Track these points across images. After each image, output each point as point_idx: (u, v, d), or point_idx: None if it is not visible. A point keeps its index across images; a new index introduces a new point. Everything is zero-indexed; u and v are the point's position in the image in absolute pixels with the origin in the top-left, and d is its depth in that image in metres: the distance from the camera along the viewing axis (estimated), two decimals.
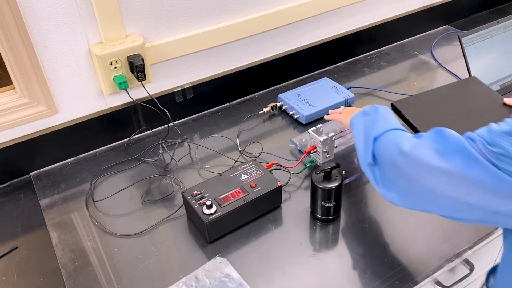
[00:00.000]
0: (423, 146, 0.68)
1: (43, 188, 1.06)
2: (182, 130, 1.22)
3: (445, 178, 0.64)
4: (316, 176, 0.90)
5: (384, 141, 0.76)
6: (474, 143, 0.62)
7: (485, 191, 0.60)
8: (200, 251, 0.89)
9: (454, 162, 0.63)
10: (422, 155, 0.67)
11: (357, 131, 0.85)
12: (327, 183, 0.89)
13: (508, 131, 0.59)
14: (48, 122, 1.08)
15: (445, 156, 0.64)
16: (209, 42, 1.19)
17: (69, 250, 0.91)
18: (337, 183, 0.89)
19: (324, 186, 0.89)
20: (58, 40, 0.99)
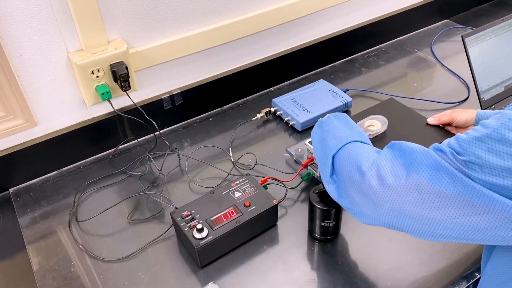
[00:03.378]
0: (384, 162, 0.62)
1: (23, 206, 0.99)
2: (171, 138, 1.15)
3: (414, 196, 0.58)
4: (314, 195, 0.84)
5: (341, 157, 0.70)
6: (444, 154, 0.57)
7: (460, 205, 0.56)
8: (191, 277, 0.84)
9: (423, 176, 0.58)
10: (384, 173, 0.61)
11: (315, 144, 0.80)
12: (326, 203, 0.83)
13: (478, 137, 0.55)
14: (27, 135, 1.01)
15: (412, 170, 0.59)
16: (197, 46, 1.11)
17: (51, 278, 0.85)
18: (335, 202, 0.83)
19: (323, 206, 0.83)
20: (33, 48, 0.91)
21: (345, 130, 0.76)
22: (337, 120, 0.80)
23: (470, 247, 0.87)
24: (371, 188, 0.63)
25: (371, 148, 0.70)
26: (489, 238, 0.57)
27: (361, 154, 0.67)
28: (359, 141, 0.73)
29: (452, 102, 1.22)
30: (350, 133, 0.75)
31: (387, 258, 0.85)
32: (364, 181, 0.64)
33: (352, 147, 0.71)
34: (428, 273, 0.82)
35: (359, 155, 0.67)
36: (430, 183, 0.57)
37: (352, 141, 0.72)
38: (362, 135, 0.76)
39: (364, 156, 0.67)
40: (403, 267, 0.84)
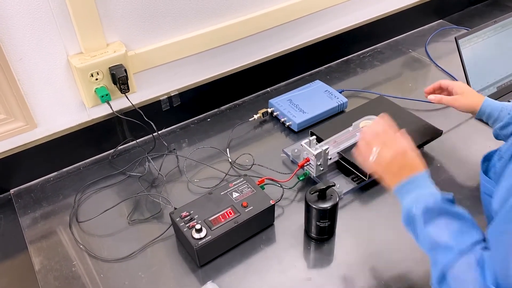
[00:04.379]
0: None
1: (24, 207, 1.01)
2: (169, 139, 1.17)
3: None
4: (311, 195, 0.86)
5: (456, 275, 0.62)
6: None
7: None
8: (190, 276, 0.86)
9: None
10: None
11: (414, 231, 0.70)
12: (322, 203, 0.85)
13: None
14: (27, 137, 1.02)
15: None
16: (195, 48, 1.13)
17: (53, 277, 0.86)
18: (332, 202, 0.85)
19: (318, 206, 0.85)
20: (34, 52, 0.93)
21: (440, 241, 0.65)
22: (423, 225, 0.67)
23: None
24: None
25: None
26: None
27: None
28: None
29: None
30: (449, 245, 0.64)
31: (382, 256, 0.87)
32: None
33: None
34: (423, 271, 0.85)
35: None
36: None
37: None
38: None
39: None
40: (398, 266, 0.86)
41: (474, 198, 0.97)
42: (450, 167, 1.05)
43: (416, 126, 1.07)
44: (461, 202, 0.96)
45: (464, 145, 1.11)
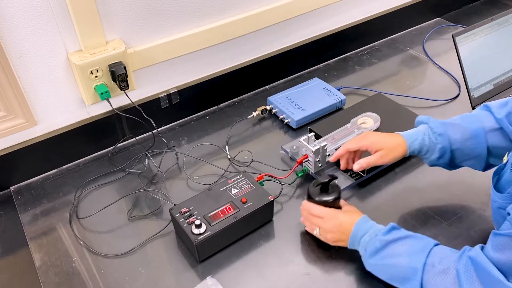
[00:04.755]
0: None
1: (24, 204, 1.01)
2: (168, 136, 1.18)
3: None
4: (313, 189, 0.87)
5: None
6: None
7: None
8: (190, 271, 0.86)
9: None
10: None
11: (380, 273, 0.79)
12: (324, 196, 0.86)
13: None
14: (27, 134, 1.03)
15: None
16: (194, 45, 1.13)
17: (53, 273, 0.87)
18: (335, 195, 0.86)
19: (321, 199, 0.86)
20: (34, 49, 0.93)
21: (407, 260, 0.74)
22: (389, 246, 0.76)
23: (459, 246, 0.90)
24: None
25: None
26: None
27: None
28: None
29: (443, 100, 1.25)
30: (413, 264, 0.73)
31: None
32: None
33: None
34: None
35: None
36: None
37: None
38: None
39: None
40: None
41: (471, 194, 0.98)
42: None
43: (412, 123, 1.08)
44: (460, 198, 0.97)
45: None
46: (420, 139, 0.87)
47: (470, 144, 0.83)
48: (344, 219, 0.83)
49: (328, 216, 0.84)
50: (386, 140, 0.87)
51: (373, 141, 0.88)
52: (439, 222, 0.93)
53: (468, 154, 0.85)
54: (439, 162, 0.87)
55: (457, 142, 0.84)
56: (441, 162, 0.87)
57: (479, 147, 0.83)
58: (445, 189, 1.00)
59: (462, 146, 0.84)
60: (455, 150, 0.85)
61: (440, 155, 0.85)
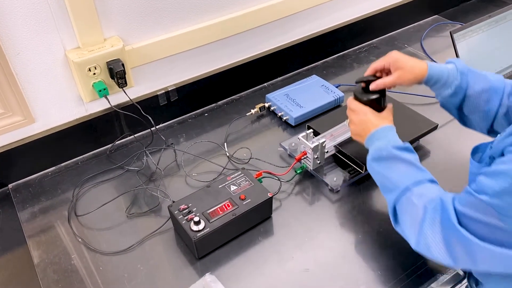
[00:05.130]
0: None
1: (23, 201, 1.01)
2: (167, 133, 1.17)
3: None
4: (357, 85, 0.91)
5: (400, 209, 0.76)
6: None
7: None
8: (189, 268, 0.86)
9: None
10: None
11: (375, 177, 0.84)
12: (362, 94, 0.89)
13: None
14: (25, 132, 1.02)
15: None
16: (192, 42, 1.13)
17: (52, 271, 0.87)
18: (370, 96, 0.88)
19: (357, 96, 0.89)
20: (31, 46, 0.93)
21: (401, 172, 0.79)
22: (393, 156, 0.81)
23: None
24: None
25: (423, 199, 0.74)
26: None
27: (413, 213, 0.74)
28: (415, 183, 0.76)
29: None
30: (406, 177, 0.78)
31: (379, 248, 0.88)
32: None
33: (406, 201, 0.75)
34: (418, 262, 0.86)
35: (411, 213, 0.74)
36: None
37: (405, 190, 0.76)
38: (417, 173, 0.78)
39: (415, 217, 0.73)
40: (394, 257, 0.87)
41: None
42: (445, 160, 1.06)
43: (412, 119, 1.08)
44: None
45: (459, 138, 1.12)
46: (442, 70, 0.87)
47: (485, 96, 0.84)
48: (371, 119, 0.86)
49: (358, 111, 0.88)
50: (409, 60, 0.88)
51: (396, 58, 0.88)
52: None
53: (478, 106, 0.85)
54: (450, 101, 0.87)
55: (474, 89, 0.85)
56: (452, 102, 0.87)
57: (492, 102, 0.84)
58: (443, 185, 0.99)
59: (476, 94, 0.85)
60: (469, 96, 0.86)
61: (453, 92, 0.86)
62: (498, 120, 0.84)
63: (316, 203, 0.98)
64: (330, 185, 1.00)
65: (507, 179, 0.61)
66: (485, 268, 0.65)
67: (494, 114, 0.84)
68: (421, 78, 0.87)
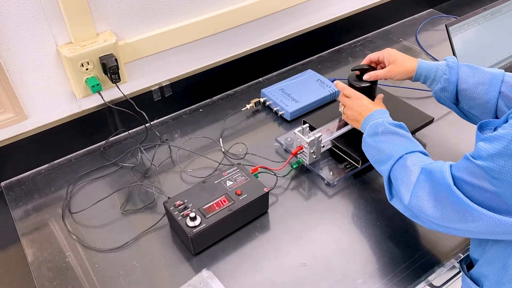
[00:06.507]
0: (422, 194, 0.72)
1: (15, 199, 1.00)
2: (162, 129, 1.16)
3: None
4: (352, 73, 0.98)
5: (394, 175, 0.78)
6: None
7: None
8: (185, 264, 0.85)
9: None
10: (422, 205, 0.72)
11: (369, 153, 0.86)
12: (357, 82, 0.96)
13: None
14: (17, 129, 1.01)
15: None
16: (186, 37, 1.12)
17: (46, 269, 0.86)
18: (366, 84, 0.95)
19: (353, 83, 0.96)
20: (22, 42, 0.91)
21: (394, 144, 0.82)
22: (387, 131, 0.84)
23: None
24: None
25: (414, 168, 0.75)
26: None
27: (403, 182, 0.76)
28: (407, 153, 0.78)
29: None
30: (398, 147, 0.80)
31: (375, 241, 0.88)
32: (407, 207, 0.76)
33: (398, 169, 0.78)
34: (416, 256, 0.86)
35: (402, 183, 0.76)
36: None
37: (399, 158, 0.78)
38: (410, 145, 0.81)
39: (405, 185, 0.75)
40: (391, 251, 0.86)
41: None
42: (441, 153, 1.06)
43: (408, 113, 1.08)
44: None
45: (455, 131, 1.11)
46: (430, 66, 0.91)
47: (481, 88, 0.85)
48: (366, 104, 0.91)
49: (354, 97, 0.94)
50: (401, 56, 0.94)
51: (390, 53, 0.95)
52: None
53: (475, 99, 0.86)
54: (443, 95, 0.90)
55: (467, 83, 0.86)
56: (445, 96, 0.90)
57: (490, 94, 0.84)
58: None
59: (472, 88, 0.86)
60: (463, 90, 0.87)
61: (443, 86, 0.89)
62: (501, 111, 0.84)
63: (312, 197, 0.97)
64: (326, 180, 0.99)
65: (503, 142, 0.61)
66: (472, 228, 0.66)
67: (494, 106, 0.84)
68: (411, 72, 0.92)
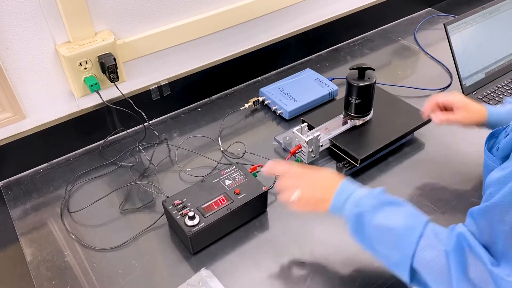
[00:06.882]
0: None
1: (14, 198, 1.00)
2: (160, 129, 1.16)
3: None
4: (350, 72, 0.99)
5: (422, 265, 0.63)
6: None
7: None
8: (184, 263, 0.85)
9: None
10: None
11: (359, 237, 0.72)
12: (357, 81, 0.98)
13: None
14: (16, 128, 1.01)
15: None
16: (185, 36, 1.12)
17: (45, 268, 0.86)
18: (367, 83, 0.97)
19: (354, 83, 0.98)
20: (21, 41, 0.91)
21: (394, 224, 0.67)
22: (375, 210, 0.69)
23: None
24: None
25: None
26: None
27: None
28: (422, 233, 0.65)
29: (435, 89, 1.25)
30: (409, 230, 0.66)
31: None
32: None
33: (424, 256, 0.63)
34: None
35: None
36: None
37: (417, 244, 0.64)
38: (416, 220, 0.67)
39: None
40: None
41: (464, 183, 0.98)
42: (439, 152, 1.06)
43: (406, 112, 1.08)
44: (452, 186, 0.97)
45: (454, 130, 1.11)
46: (501, 114, 0.88)
47: None
48: (324, 173, 0.75)
49: (304, 172, 0.76)
50: (470, 102, 0.91)
51: (459, 99, 0.92)
52: (432, 210, 0.93)
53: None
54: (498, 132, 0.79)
55: None
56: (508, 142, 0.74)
57: None
58: (438, 178, 1.00)
59: None
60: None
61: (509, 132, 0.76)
62: None
63: None
64: None
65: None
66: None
67: None
68: (482, 122, 0.90)
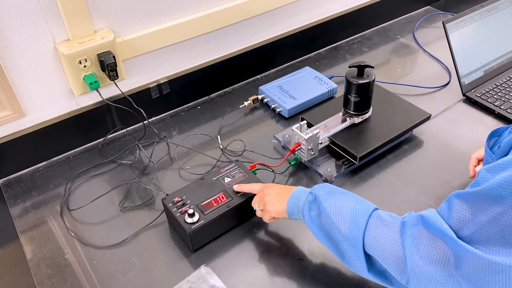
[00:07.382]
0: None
1: (14, 196, 1.00)
2: (160, 127, 1.16)
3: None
4: (349, 69, 0.99)
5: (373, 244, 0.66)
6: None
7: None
8: (184, 260, 0.86)
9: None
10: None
11: (317, 233, 0.74)
12: (356, 79, 0.98)
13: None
14: (16, 126, 1.01)
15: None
16: (184, 34, 1.12)
17: (45, 265, 0.86)
18: (366, 81, 0.97)
19: (353, 80, 0.98)
20: (20, 39, 0.91)
21: (343, 209, 0.70)
22: (325, 200, 0.73)
23: None
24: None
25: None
26: None
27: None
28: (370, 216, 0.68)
29: (434, 87, 1.26)
30: (358, 213, 0.69)
31: None
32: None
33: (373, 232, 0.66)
34: None
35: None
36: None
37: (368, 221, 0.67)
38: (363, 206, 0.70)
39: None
40: None
41: (462, 179, 0.98)
42: (438, 149, 1.07)
43: (405, 110, 1.08)
44: (451, 184, 0.98)
45: (452, 128, 1.12)
46: None
47: None
48: (278, 186, 0.83)
49: (261, 189, 0.84)
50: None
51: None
52: (431, 207, 0.93)
53: None
54: None
55: None
56: None
57: None
58: (437, 175, 1.00)
59: None
60: None
61: None
62: None
63: None
64: (324, 176, 1.00)
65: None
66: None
67: None
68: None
